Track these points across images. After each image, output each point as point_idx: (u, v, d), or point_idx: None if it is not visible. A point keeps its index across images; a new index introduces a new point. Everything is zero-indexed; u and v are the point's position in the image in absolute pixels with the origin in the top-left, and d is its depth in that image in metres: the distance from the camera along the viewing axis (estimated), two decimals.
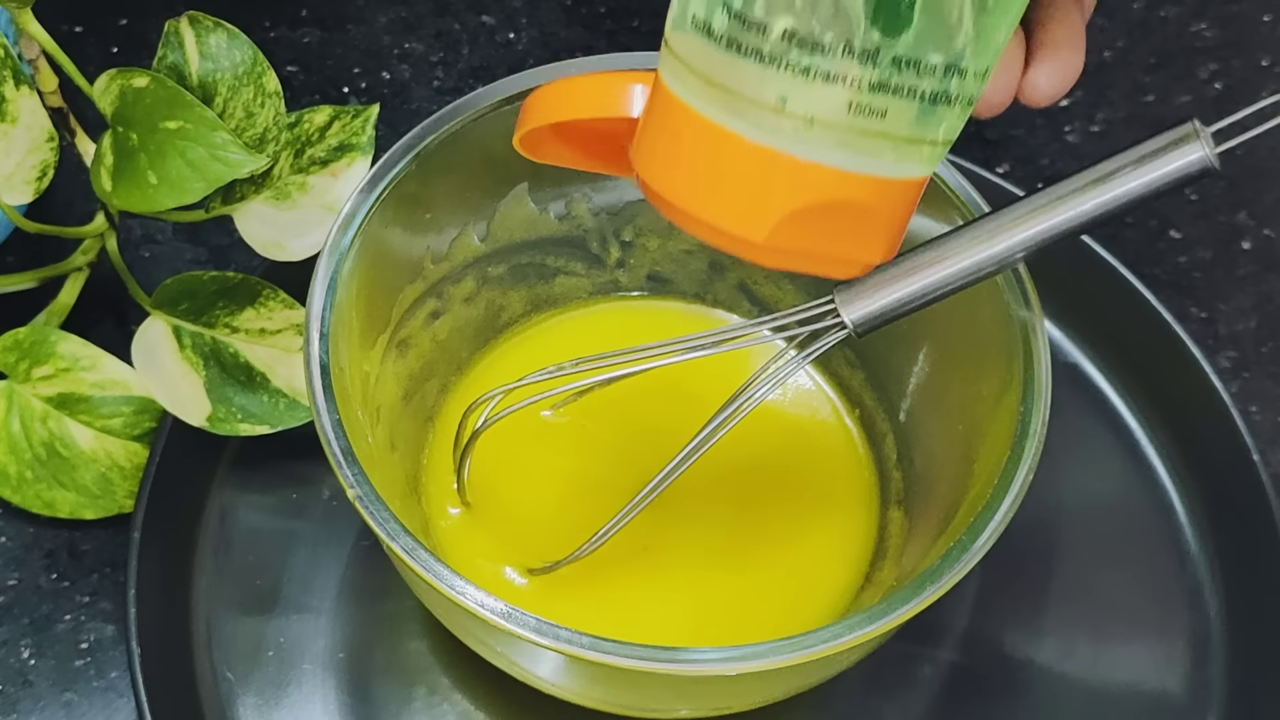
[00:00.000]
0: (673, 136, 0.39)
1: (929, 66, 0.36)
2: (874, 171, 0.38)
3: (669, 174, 0.39)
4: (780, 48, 0.36)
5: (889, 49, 0.35)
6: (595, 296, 0.56)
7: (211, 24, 0.51)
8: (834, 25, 0.35)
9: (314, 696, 0.51)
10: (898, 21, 0.35)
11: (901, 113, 0.37)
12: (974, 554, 0.42)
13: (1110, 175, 0.40)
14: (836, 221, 0.39)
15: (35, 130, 0.51)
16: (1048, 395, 0.44)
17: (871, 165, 0.37)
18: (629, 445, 0.52)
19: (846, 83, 0.36)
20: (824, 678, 0.46)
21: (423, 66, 0.67)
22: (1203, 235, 0.63)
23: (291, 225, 0.53)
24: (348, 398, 0.45)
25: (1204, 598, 0.54)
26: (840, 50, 0.35)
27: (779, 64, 0.36)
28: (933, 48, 0.36)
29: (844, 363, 0.54)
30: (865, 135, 0.37)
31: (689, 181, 0.39)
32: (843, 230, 0.39)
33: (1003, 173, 0.64)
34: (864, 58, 0.36)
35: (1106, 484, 0.57)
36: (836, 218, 0.38)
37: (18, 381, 0.53)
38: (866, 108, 0.36)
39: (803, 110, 0.36)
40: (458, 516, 0.51)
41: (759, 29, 0.36)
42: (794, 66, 0.36)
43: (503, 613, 0.40)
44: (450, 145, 0.48)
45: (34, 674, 0.52)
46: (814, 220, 0.38)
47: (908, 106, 0.37)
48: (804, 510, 0.52)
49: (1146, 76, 0.67)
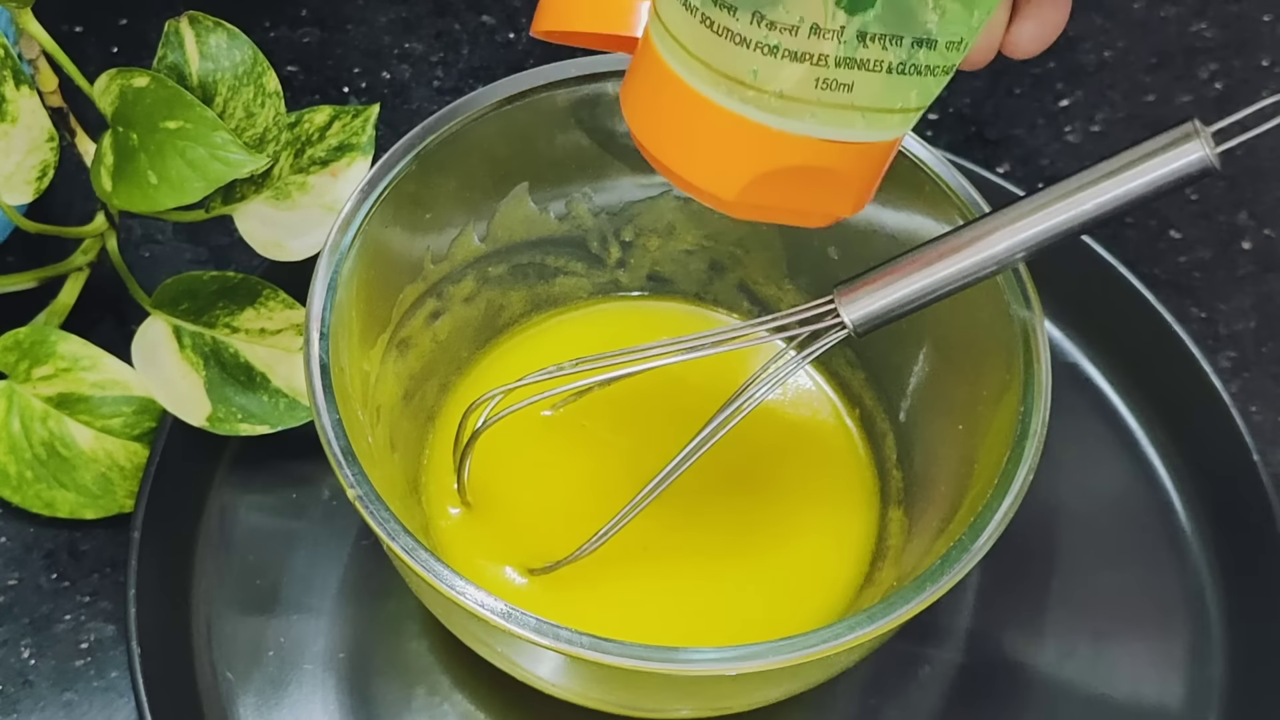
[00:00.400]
0: (654, 90, 0.40)
1: (894, 39, 0.36)
2: (843, 138, 0.38)
3: (648, 124, 0.40)
4: (749, 28, 0.36)
5: (853, 26, 0.36)
6: (595, 296, 0.56)
7: (211, 24, 0.51)
8: (800, 6, 0.36)
9: (314, 696, 0.51)
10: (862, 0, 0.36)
11: (869, 84, 0.37)
12: (974, 554, 0.42)
13: (1110, 175, 0.40)
14: (806, 181, 0.39)
15: (35, 130, 0.51)
16: (1048, 395, 0.44)
17: (840, 133, 0.38)
18: (629, 445, 0.52)
19: (814, 60, 0.36)
20: (824, 678, 0.46)
21: (423, 66, 0.67)
22: (1203, 235, 0.63)
23: (291, 225, 0.53)
24: (348, 398, 0.45)
25: (1204, 598, 0.54)
26: (806, 30, 0.36)
27: (748, 43, 0.36)
28: (897, 23, 0.36)
29: (844, 363, 0.54)
30: (834, 107, 0.37)
31: (666, 135, 0.40)
32: (812, 188, 0.40)
33: (1003, 173, 0.64)
34: (830, 36, 0.36)
35: (1106, 484, 0.57)
36: (806, 178, 0.39)
37: (18, 381, 0.53)
38: (833, 82, 0.37)
39: (772, 85, 0.37)
40: (458, 516, 0.51)
41: (729, 9, 0.36)
42: (762, 45, 0.36)
43: (503, 613, 0.40)
44: (450, 145, 0.48)
45: (34, 674, 0.52)
46: (783, 180, 0.39)
47: (875, 79, 0.37)
48: (804, 510, 0.52)
49: (1146, 76, 0.67)
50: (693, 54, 0.38)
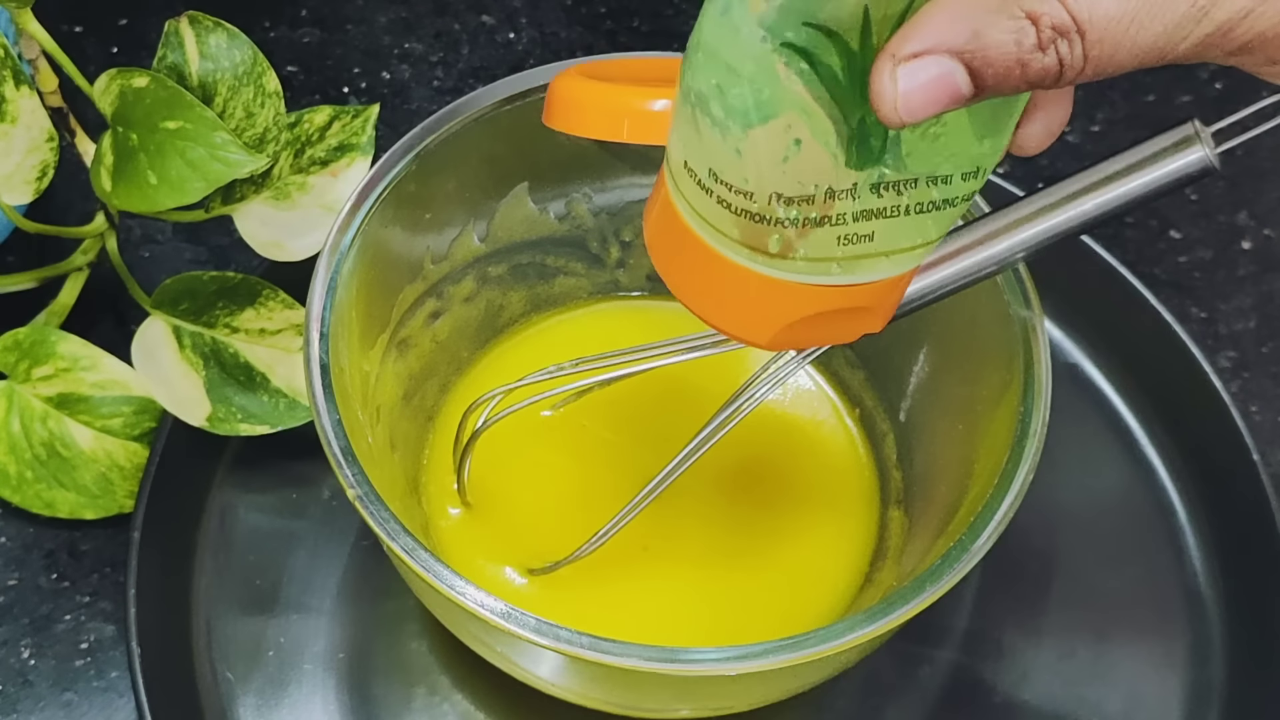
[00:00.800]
0: (676, 243, 0.39)
1: (909, 184, 0.36)
2: (868, 280, 0.38)
3: (672, 270, 0.40)
4: (767, 207, 0.36)
5: (865, 180, 0.36)
6: (595, 296, 0.56)
7: (211, 24, 0.51)
8: (813, 175, 0.35)
9: (314, 696, 0.51)
10: (870, 156, 0.35)
11: (890, 229, 0.37)
12: (974, 554, 0.42)
13: (1110, 175, 0.40)
14: (836, 318, 0.39)
15: (35, 130, 0.51)
16: (1048, 395, 0.44)
17: (866, 277, 0.38)
18: (629, 445, 0.52)
19: (833, 220, 0.36)
20: (824, 677, 0.46)
21: (423, 66, 0.67)
22: (1203, 235, 0.63)
23: (291, 225, 0.53)
24: (348, 398, 0.45)
25: (1204, 598, 0.54)
26: (822, 196, 0.36)
27: (768, 220, 0.36)
28: (908, 168, 0.36)
29: (844, 363, 0.54)
30: (857, 257, 0.37)
31: (691, 286, 0.40)
32: (842, 322, 0.40)
33: (1003, 173, 0.64)
34: (844, 195, 0.36)
35: (1106, 484, 0.57)
36: (836, 317, 0.39)
37: (18, 381, 0.53)
38: (854, 235, 0.37)
39: (794, 251, 0.37)
40: (458, 516, 0.51)
41: (745, 194, 0.36)
42: (782, 220, 0.36)
43: (503, 613, 0.40)
44: (450, 145, 0.48)
45: (34, 674, 0.52)
46: (814, 321, 0.39)
47: (895, 223, 0.37)
48: (804, 510, 0.52)
49: (1146, 76, 0.67)
50: (712, 225, 0.37)
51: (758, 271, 0.37)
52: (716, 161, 0.35)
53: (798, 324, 0.39)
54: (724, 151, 0.35)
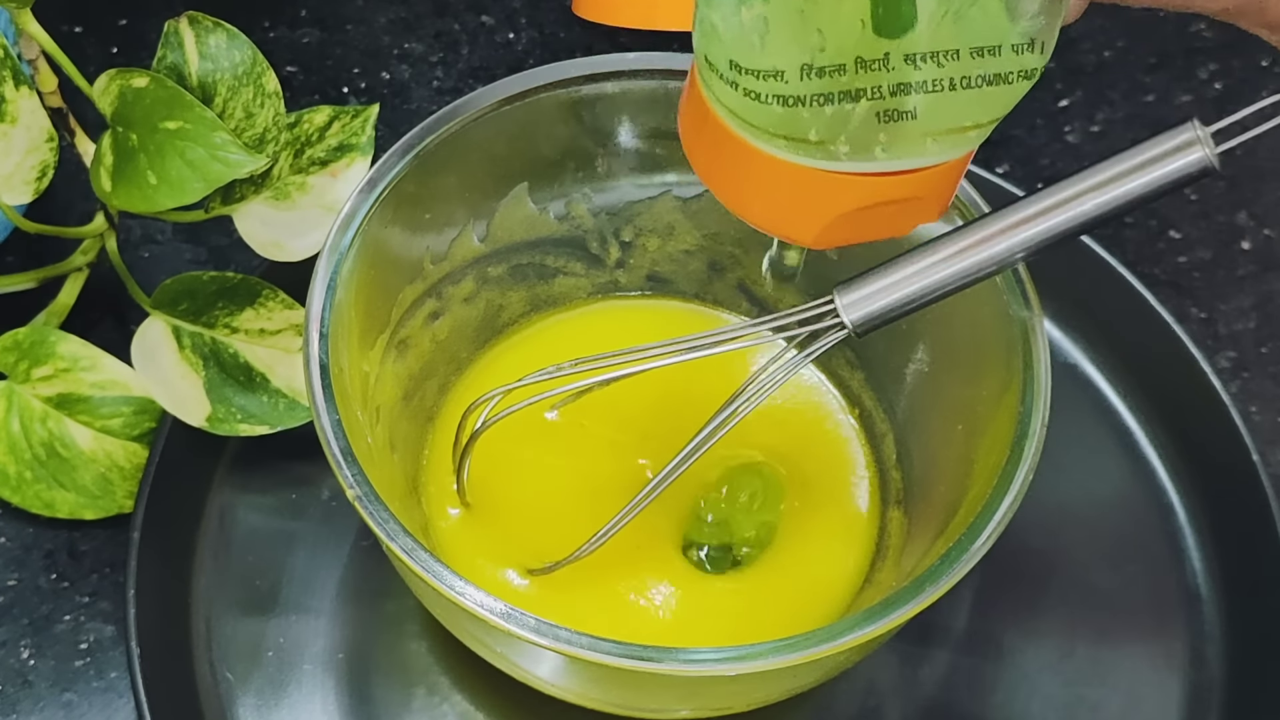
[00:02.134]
0: (713, 142, 0.38)
1: (950, 54, 0.35)
2: (915, 166, 0.37)
3: (711, 170, 0.39)
4: (800, 85, 0.35)
5: (899, 50, 0.34)
6: (595, 296, 0.56)
7: (211, 24, 0.51)
8: (843, 45, 0.34)
9: (314, 696, 0.51)
10: (898, 23, 0.34)
11: (935, 106, 0.36)
12: (974, 554, 0.42)
13: (1110, 176, 0.40)
14: (885, 211, 0.38)
15: (35, 130, 0.51)
16: (1048, 395, 0.44)
17: (912, 162, 0.37)
18: (629, 445, 0.52)
19: (869, 94, 0.35)
20: (824, 678, 0.46)
21: (423, 66, 0.67)
22: (1203, 235, 0.63)
23: (291, 225, 0.53)
24: (347, 398, 0.45)
25: (1204, 598, 0.54)
26: (854, 67, 0.34)
27: (803, 101, 0.35)
28: (947, 38, 0.34)
29: (844, 363, 0.54)
30: (901, 137, 0.36)
31: (731, 185, 0.39)
32: (892, 214, 0.39)
33: (1003, 173, 0.64)
34: (877, 66, 0.35)
35: (1106, 484, 0.57)
36: (884, 209, 0.38)
37: (17, 382, 0.53)
38: (894, 111, 0.35)
39: (834, 134, 0.36)
40: (458, 517, 0.51)
41: (777, 75, 0.35)
42: (817, 97, 0.35)
43: (502, 613, 0.40)
44: (450, 145, 0.48)
45: (34, 674, 0.52)
46: (862, 215, 0.38)
47: (939, 99, 0.36)
48: (804, 510, 0.52)
49: (1146, 76, 0.67)
50: (746, 121, 0.36)
51: (798, 163, 0.36)
52: (738, 50, 0.34)
53: (845, 218, 0.38)
54: (746, 31, 0.34)
